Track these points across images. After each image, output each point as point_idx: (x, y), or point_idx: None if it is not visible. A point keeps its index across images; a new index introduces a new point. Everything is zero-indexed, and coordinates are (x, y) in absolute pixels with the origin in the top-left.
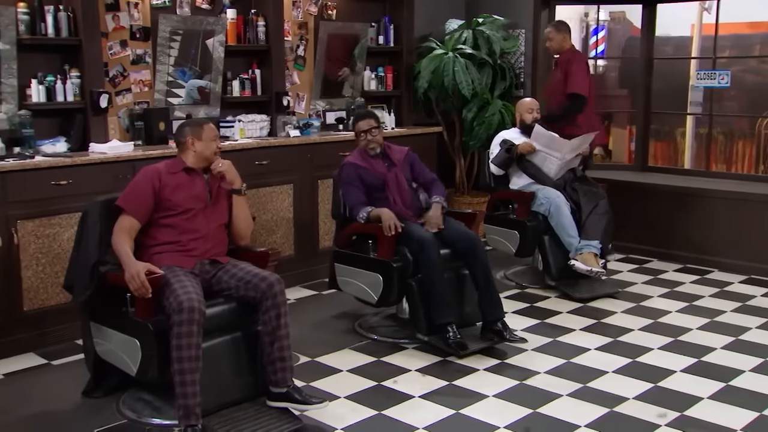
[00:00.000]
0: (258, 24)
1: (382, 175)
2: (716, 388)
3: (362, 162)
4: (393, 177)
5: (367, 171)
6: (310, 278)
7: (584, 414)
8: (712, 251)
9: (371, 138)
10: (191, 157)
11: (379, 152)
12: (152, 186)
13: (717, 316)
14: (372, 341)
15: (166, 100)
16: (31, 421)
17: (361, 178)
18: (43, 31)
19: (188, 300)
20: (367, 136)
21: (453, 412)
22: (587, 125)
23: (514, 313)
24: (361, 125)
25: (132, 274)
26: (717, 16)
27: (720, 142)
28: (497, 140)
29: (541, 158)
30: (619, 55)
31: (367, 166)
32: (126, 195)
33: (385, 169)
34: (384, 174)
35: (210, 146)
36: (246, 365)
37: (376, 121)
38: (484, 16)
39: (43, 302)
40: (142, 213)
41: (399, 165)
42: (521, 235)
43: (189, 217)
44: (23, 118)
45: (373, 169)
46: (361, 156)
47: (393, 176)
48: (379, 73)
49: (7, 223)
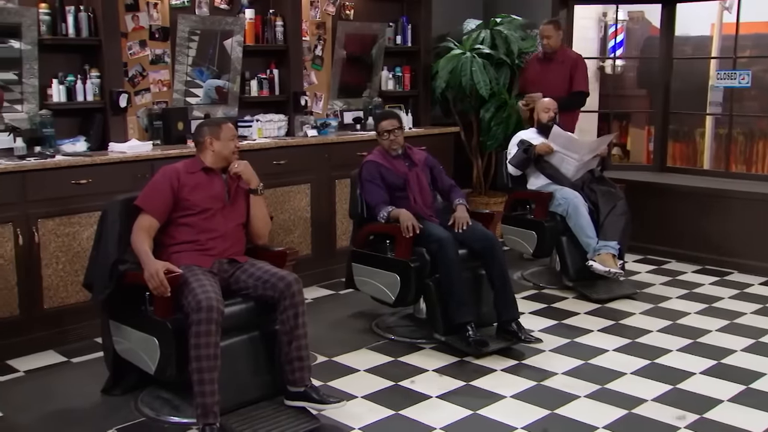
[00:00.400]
0: (276, 24)
1: (403, 174)
2: (736, 390)
3: (383, 161)
4: (414, 176)
5: (388, 170)
6: (327, 278)
7: (602, 415)
8: (731, 252)
9: (394, 138)
10: (209, 157)
11: (401, 153)
12: (171, 186)
13: (736, 318)
14: (389, 341)
15: (184, 100)
16: (50, 418)
17: (382, 177)
18: (63, 31)
19: (206, 299)
20: (390, 137)
21: (470, 412)
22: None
23: (531, 314)
24: (385, 125)
25: (151, 273)
26: (738, 15)
27: (740, 142)
28: (515, 140)
29: (559, 159)
30: (638, 54)
31: (388, 165)
32: (145, 195)
33: (406, 168)
34: (405, 173)
35: (228, 146)
36: (264, 364)
37: (399, 121)
38: (502, 16)
39: (63, 300)
40: (160, 213)
41: (420, 165)
42: (539, 235)
43: (207, 217)
44: (44, 117)
45: (394, 169)
46: (382, 155)
47: (414, 175)
48: (397, 73)
49: (28, 222)
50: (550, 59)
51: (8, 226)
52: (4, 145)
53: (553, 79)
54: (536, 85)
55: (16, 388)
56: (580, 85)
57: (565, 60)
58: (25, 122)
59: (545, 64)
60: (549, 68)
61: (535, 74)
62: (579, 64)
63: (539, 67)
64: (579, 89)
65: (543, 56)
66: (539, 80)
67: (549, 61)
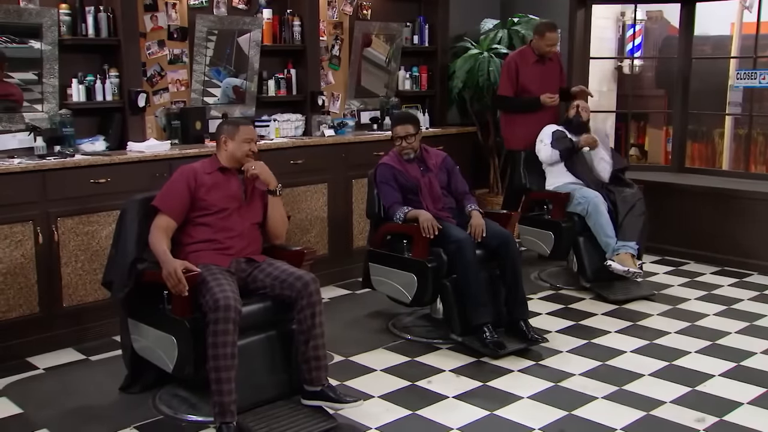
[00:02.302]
0: (293, 24)
1: (415, 179)
2: (756, 393)
3: (397, 164)
4: (427, 182)
5: (401, 173)
6: (344, 277)
7: (620, 417)
8: (751, 254)
9: (406, 144)
10: (224, 156)
11: (413, 157)
12: (188, 186)
13: (756, 320)
14: (406, 341)
15: (202, 100)
16: (69, 415)
17: (396, 179)
18: (83, 31)
19: (224, 298)
20: (402, 143)
21: (487, 413)
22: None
23: (548, 315)
24: (398, 131)
25: (169, 272)
26: (759, 15)
27: (760, 143)
28: (548, 130)
29: (598, 159)
30: (656, 54)
31: (401, 168)
32: (162, 195)
33: (419, 173)
34: (418, 179)
35: (242, 148)
36: (280, 363)
37: (414, 127)
38: (520, 16)
39: (82, 299)
40: (177, 213)
41: (434, 170)
42: (556, 236)
43: (224, 216)
44: (64, 117)
45: (407, 173)
46: (396, 158)
47: (427, 181)
48: (414, 73)
49: (48, 220)
50: (546, 60)
51: (28, 224)
52: (24, 145)
53: (551, 78)
54: (537, 86)
55: (36, 385)
56: (564, 81)
57: (553, 58)
58: (45, 122)
59: (542, 66)
60: (546, 69)
61: (533, 76)
62: (561, 61)
63: (538, 69)
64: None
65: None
66: (539, 81)
67: (545, 62)
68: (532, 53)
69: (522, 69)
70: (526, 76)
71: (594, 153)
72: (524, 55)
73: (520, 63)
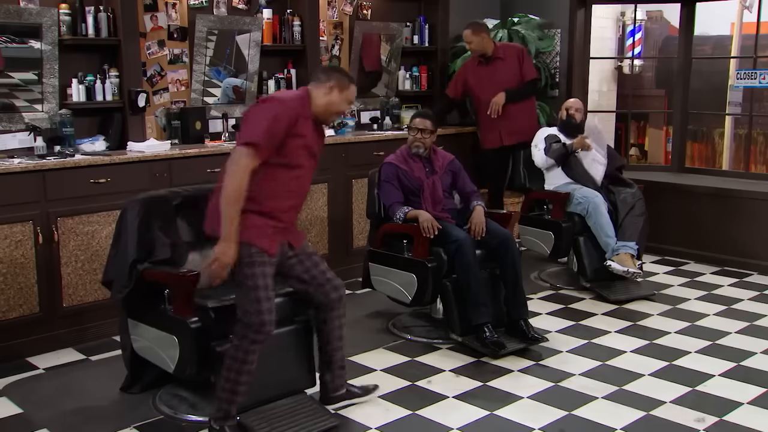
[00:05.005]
0: (293, 24)
1: (419, 180)
2: (756, 393)
3: (402, 164)
4: (430, 184)
5: (405, 173)
6: (343, 277)
7: (620, 417)
8: (751, 254)
9: (419, 137)
10: (321, 102)
11: (422, 153)
12: (287, 129)
13: (756, 320)
14: (406, 341)
15: (202, 100)
16: (69, 415)
17: (399, 179)
18: (83, 31)
19: (270, 322)
20: (417, 134)
21: (487, 413)
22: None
23: (548, 314)
24: (417, 122)
25: (223, 253)
26: (759, 15)
27: (760, 143)
28: (542, 135)
29: (590, 161)
30: (656, 54)
31: (406, 168)
32: (264, 131)
33: (424, 174)
34: (422, 180)
35: (342, 106)
36: (282, 363)
37: (432, 125)
38: (520, 16)
39: (82, 298)
40: (269, 155)
41: (439, 172)
42: (556, 235)
43: (296, 176)
44: (64, 117)
45: (411, 173)
46: (402, 157)
47: (430, 183)
48: (414, 73)
49: (48, 220)
50: (490, 60)
51: (28, 224)
52: (24, 145)
53: (503, 76)
54: (481, 87)
55: (36, 385)
56: (530, 74)
57: (507, 55)
58: (45, 122)
59: (488, 66)
60: (494, 68)
61: (478, 78)
62: (524, 54)
63: (483, 71)
64: (531, 77)
65: (482, 59)
66: (485, 82)
67: (490, 62)
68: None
69: (470, 70)
70: (472, 77)
71: (585, 155)
72: (474, 58)
73: (468, 64)
